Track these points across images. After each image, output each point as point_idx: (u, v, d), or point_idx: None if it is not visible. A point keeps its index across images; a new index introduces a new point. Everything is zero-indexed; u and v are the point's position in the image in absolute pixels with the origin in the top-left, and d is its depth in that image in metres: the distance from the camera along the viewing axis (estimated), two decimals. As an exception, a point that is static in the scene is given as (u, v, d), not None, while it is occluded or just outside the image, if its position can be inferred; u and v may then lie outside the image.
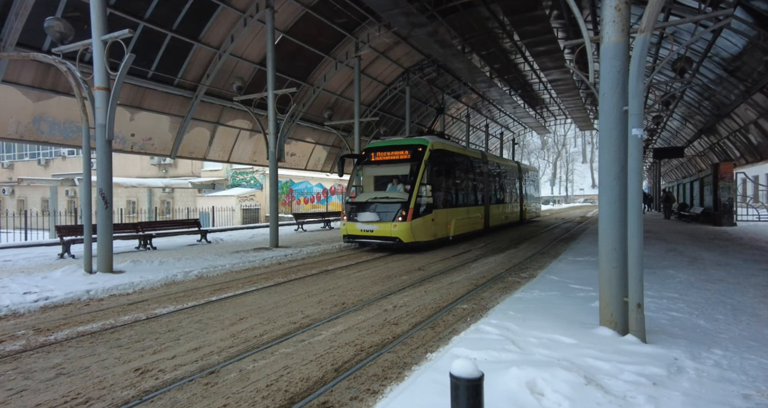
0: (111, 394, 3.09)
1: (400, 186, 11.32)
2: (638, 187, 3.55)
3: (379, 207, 10.91)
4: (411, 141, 11.78)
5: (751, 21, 11.43)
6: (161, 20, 11.82)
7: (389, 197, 11.05)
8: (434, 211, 11.30)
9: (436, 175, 11.56)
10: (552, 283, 6.24)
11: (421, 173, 10.72)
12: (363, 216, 10.95)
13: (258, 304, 5.77)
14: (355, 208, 11.21)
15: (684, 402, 2.61)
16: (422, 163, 10.77)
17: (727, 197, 16.92)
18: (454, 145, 13.93)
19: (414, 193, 10.50)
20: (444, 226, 12.00)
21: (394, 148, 11.67)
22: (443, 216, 11.98)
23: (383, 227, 10.58)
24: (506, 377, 2.84)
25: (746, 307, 4.83)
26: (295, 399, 3.01)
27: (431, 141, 11.57)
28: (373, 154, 11.86)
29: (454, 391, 1.76)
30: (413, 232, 10.45)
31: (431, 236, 11.24)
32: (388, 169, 11.89)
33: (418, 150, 11.16)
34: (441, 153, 12.07)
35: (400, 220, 10.37)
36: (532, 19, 14.50)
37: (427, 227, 11.01)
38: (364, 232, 10.90)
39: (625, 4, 3.70)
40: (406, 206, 10.42)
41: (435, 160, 11.39)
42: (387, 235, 10.52)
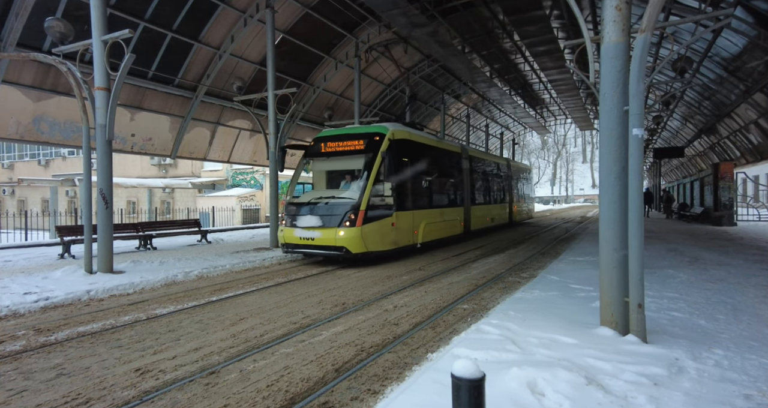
0: (111, 395, 3.09)
1: (355, 183, 9.24)
2: (639, 187, 3.55)
3: (322, 209, 8.82)
4: (367, 129, 9.91)
5: (752, 21, 11.43)
6: (161, 20, 11.83)
7: (336, 197, 9.03)
8: (396, 214, 9.42)
9: (400, 171, 9.71)
10: (552, 283, 6.24)
11: (376, 167, 8.83)
12: (303, 220, 8.88)
13: (258, 304, 5.77)
14: (294, 211, 9.15)
15: (685, 402, 2.61)
16: (378, 155, 8.90)
17: (727, 197, 16.91)
18: (425, 136, 11.90)
19: (366, 191, 8.59)
20: (409, 231, 10.09)
21: (348, 138, 9.64)
22: (408, 219, 10.03)
23: (326, 234, 8.54)
24: (507, 377, 2.83)
25: (747, 307, 4.83)
26: (296, 399, 3.01)
27: (392, 129, 9.66)
28: (323, 144, 9.83)
29: (456, 391, 1.76)
30: (365, 239, 8.53)
31: (390, 244, 9.35)
32: (340, 163, 9.92)
33: (374, 139, 9.24)
34: (405, 144, 10.15)
35: (347, 225, 8.38)
36: (533, 19, 14.49)
37: (385, 233, 9.15)
38: (304, 241, 8.82)
39: (625, 3, 3.70)
40: (356, 208, 8.46)
41: (397, 152, 9.54)
42: (331, 244, 8.52)
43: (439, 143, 12.68)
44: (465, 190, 14.14)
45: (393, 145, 9.38)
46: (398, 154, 9.65)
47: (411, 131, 10.93)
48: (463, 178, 14.07)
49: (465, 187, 14.16)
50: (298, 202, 9.29)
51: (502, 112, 34.53)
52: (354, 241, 8.42)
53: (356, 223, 8.40)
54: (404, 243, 9.91)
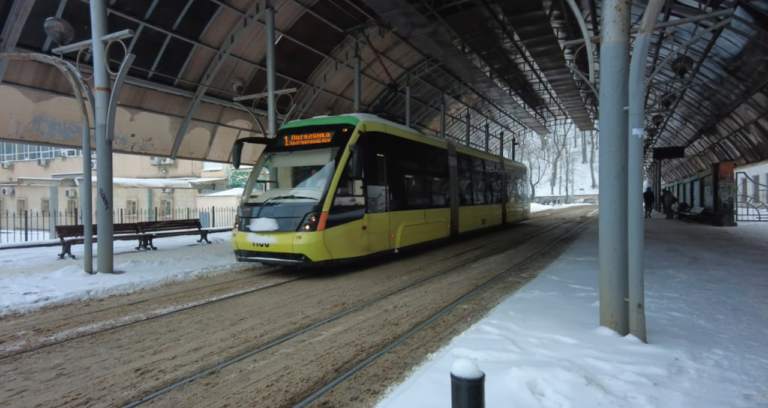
0: (111, 395, 3.09)
1: (318, 181, 8.12)
2: (639, 187, 3.55)
3: (279, 210, 7.74)
4: (334, 119, 8.92)
5: (752, 21, 11.43)
6: (161, 20, 11.83)
7: (295, 196, 8.01)
8: (368, 216, 8.39)
9: (373, 167, 8.75)
10: (552, 283, 6.24)
11: (343, 163, 7.80)
12: (256, 224, 7.80)
13: (258, 304, 5.77)
14: (248, 213, 8.04)
15: (685, 402, 2.61)
16: (346, 148, 7.90)
17: (727, 197, 16.91)
18: (404, 130, 10.77)
19: (330, 190, 7.57)
20: (384, 235, 9.07)
21: (313, 130, 8.63)
22: (383, 222, 9.00)
23: (283, 240, 7.44)
24: (507, 377, 2.83)
25: (747, 307, 4.83)
26: (296, 399, 3.01)
27: (363, 120, 8.63)
28: (286, 137, 8.80)
29: (455, 391, 1.76)
30: (328, 245, 7.49)
31: (362, 250, 8.31)
32: (303, 158, 8.78)
33: (342, 131, 8.25)
34: (380, 138, 9.17)
35: (306, 229, 7.31)
36: (532, 19, 14.50)
37: (354, 238, 8.09)
38: (258, 247, 7.70)
39: (625, 3, 3.70)
40: (318, 209, 7.41)
41: (369, 146, 8.53)
42: (287, 252, 7.42)
43: (421, 138, 11.58)
44: (452, 189, 13.11)
45: (364, 138, 8.35)
46: (371, 149, 8.64)
47: (388, 124, 9.82)
48: (450, 177, 13.06)
49: (452, 187, 13.12)
50: (253, 203, 8.20)
51: (502, 112, 34.54)
52: (314, 248, 7.32)
53: (317, 226, 7.32)
54: (379, 248, 8.88)
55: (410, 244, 10.16)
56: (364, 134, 8.42)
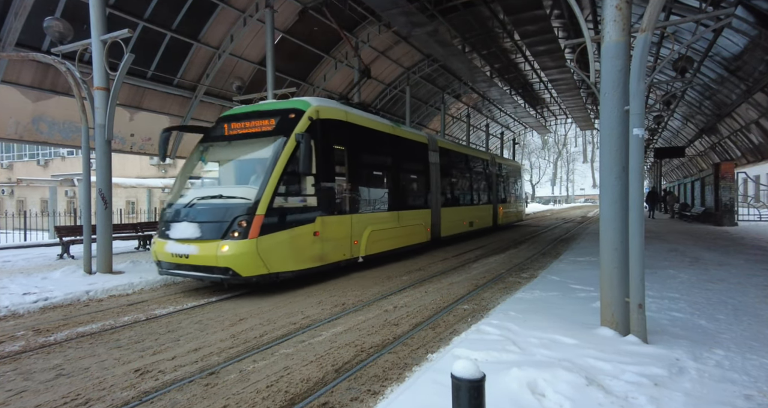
0: (111, 395, 3.08)
1: (254, 177, 6.75)
2: (639, 187, 3.54)
3: (203, 213, 6.36)
4: (281, 104, 7.56)
5: (753, 20, 11.42)
6: (161, 20, 11.82)
7: (224, 196, 6.54)
8: (321, 219, 7.07)
9: (329, 161, 7.44)
10: (553, 283, 6.23)
11: (286, 155, 6.43)
12: (177, 229, 6.41)
13: (258, 304, 5.76)
14: (170, 216, 6.68)
15: (686, 402, 2.60)
16: (291, 138, 6.54)
17: (728, 197, 16.90)
18: (371, 119, 9.20)
19: (269, 187, 6.20)
20: (344, 241, 7.77)
21: (256, 116, 7.30)
22: (343, 226, 7.72)
23: (205, 249, 6.01)
24: (507, 378, 2.82)
25: (748, 308, 4.82)
26: (296, 400, 3.00)
27: (316, 105, 7.27)
28: (226, 125, 7.45)
29: (456, 392, 1.75)
30: (264, 256, 6.08)
31: (312, 261, 6.95)
32: (242, 150, 7.39)
33: (288, 118, 6.94)
34: (339, 127, 7.80)
35: (235, 237, 5.93)
36: (533, 18, 14.49)
37: (301, 246, 6.74)
38: (177, 259, 6.23)
39: (626, 3, 3.69)
40: (251, 211, 6.04)
41: (324, 135, 7.25)
42: (210, 265, 6.00)
43: (394, 130, 10.06)
44: (433, 188, 11.75)
45: (317, 126, 7.07)
46: (327, 139, 7.39)
47: (351, 111, 8.39)
48: (431, 175, 11.70)
49: (433, 186, 11.77)
50: (176, 204, 6.79)
51: (502, 111, 34.54)
52: (244, 260, 5.92)
53: (249, 233, 5.95)
54: (336, 257, 7.57)
55: (380, 251, 8.88)
56: (317, 122, 7.10)
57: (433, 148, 12.08)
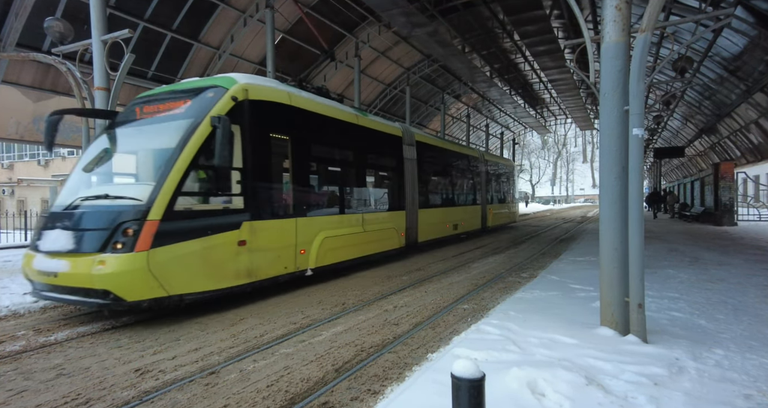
0: (111, 395, 3.09)
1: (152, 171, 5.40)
2: (639, 187, 3.55)
3: (80, 219, 4.94)
4: (203, 81, 6.07)
5: (752, 20, 11.43)
6: (161, 20, 11.83)
7: (111, 195, 5.09)
8: (249, 225, 5.58)
9: (266, 153, 6.11)
10: (553, 283, 6.23)
11: (195, 144, 5.02)
12: (48, 239, 4.92)
13: (258, 304, 5.76)
14: (43, 223, 5.21)
15: (685, 402, 2.61)
16: (204, 122, 5.11)
17: (727, 197, 16.91)
18: (327, 104, 7.67)
19: (168, 184, 4.82)
20: (285, 251, 6.28)
21: (171, 96, 5.87)
22: (283, 232, 6.26)
23: (77, 266, 4.58)
24: (507, 377, 2.83)
25: (747, 307, 4.82)
26: (296, 399, 3.00)
27: (245, 82, 5.79)
28: (137, 109, 5.96)
29: (456, 391, 1.76)
30: (160, 273, 4.65)
31: (236, 278, 5.45)
32: (147, 138, 5.89)
33: (207, 97, 5.50)
34: (278, 111, 6.34)
35: (117, 249, 4.50)
36: (533, 18, 14.51)
37: (218, 261, 5.25)
38: (44, 278, 4.81)
39: (625, 3, 3.69)
40: (140, 216, 4.65)
41: (257, 121, 5.83)
42: (84, 286, 4.55)
43: (358, 119, 8.50)
44: (408, 188, 10.24)
45: (245, 108, 5.65)
46: (261, 126, 5.99)
47: (295, 93, 6.85)
48: (406, 172, 10.23)
49: (409, 184, 10.27)
50: (55, 207, 5.28)
51: (502, 111, 34.55)
52: (129, 279, 4.48)
53: (137, 244, 4.50)
54: (273, 271, 6.07)
55: (337, 260, 7.53)
56: (245, 103, 5.67)
57: (409, 142, 10.56)
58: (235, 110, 5.50)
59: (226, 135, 4.97)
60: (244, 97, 5.71)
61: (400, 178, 10.09)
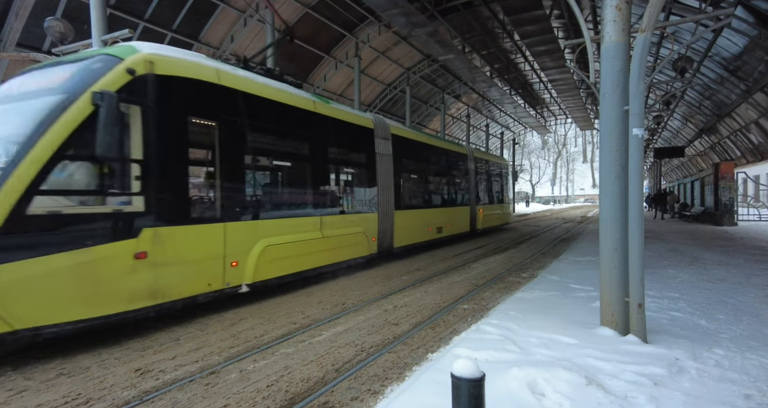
0: (111, 395, 3.09)
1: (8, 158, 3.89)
2: (639, 187, 3.55)
3: None
4: (96, 51, 5.03)
5: (752, 20, 11.43)
6: (161, 20, 11.84)
7: None
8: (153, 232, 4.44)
9: (181, 140, 5.00)
10: (553, 283, 6.24)
11: (68, 125, 3.93)
12: None
13: (258, 303, 5.76)
14: None
15: (685, 402, 2.61)
16: (84, 98, 4.04)
17: (727, 197, 16.92)
18: (265, 84, 6.32)
19: (15, 178, 3.64)
20: (210, 263, 5.13)
21: (51, 69, 4.70)
22: (205, 241, 5.08)
23: None
24: (507, 377, 2.83)
25: (747, 307, 4.82)
26: (296, 399, 3.01)
27: (149, 52, 4.66)
28: (11, 85, 4.91)
29: (456, 391, 1.76)
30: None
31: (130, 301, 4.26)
32: (10, 119, 4.58)
33: (92, 69, 4.41)
34: (198, 90, 5.16)
35: None
36: (533, 18, 14.52)
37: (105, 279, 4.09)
38: None
39: (625, 3, 3.70)
40: None
41: (166, 100, 4.74)
42: None
43: (315, 106, 7.21)
44: (382, 186, 8.97)
45: (149, 84, 4.54)
46: (174, 107, 4.88)
47: (226, 70, 5.59)
48: (379, 169, 8.89)
49: (382, 183, 8.98)
50: None
51: (502, 111, 34.57)
52: None
53: None
54: (190, 290, 4.87)
55: (284, 273, 6.20)
56: (148, 78, 4.53)
57: (383, 135, 9.18)
58: (132, 86, 4.38)
59: (113, 116, 4.01)
60: (147, 71, 4.55)
61: (371, 176, 8.79)
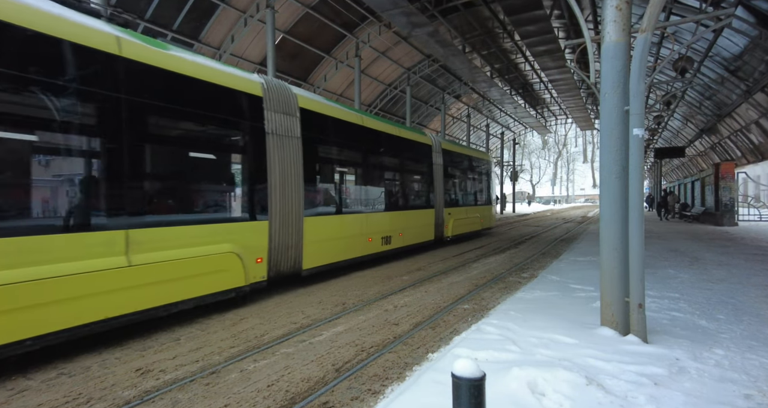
0: (112, 394, 3.10)
1: None
2: (639, 187, 3.55)
3: None
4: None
5: (753, 20, 11.42)
6: (162, 20, 11.85)
7: None
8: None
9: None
10: (553, 283, 6.24)
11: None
12: None
13: (258, 303, 5.77)
14: None
15: (685, 402, 2.61)
16: None
17: (728, 197, 16.91)
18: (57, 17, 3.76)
19: None
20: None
21: None
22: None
23: None
24: (507, 377, 2.83)
25: (748, 307, 4.82)
26: (296, 399, 3.01)
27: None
28: None
29: (456, 391, 1.76)
30: None
31: None
32: None
33: None
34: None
35: None
36: (533, 18, 14.51)
37: None
38: None
39: (626, 3, 3.70)
40: None
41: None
42: None
43: (116, 46, 4.27)
44: (274, 183, 6.12)
45: None
46: None
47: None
48: (270, 157, 6.09)
49: (275, 177, 6.13)
50: None
51: (502, 111, 34.56)
52: None
53: None
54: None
55: (47, 331, 3.56)
56: None
57: (276, 107, 6.22)
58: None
59: None
60: None
61: (255, 166, 5.90)
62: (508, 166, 33.63)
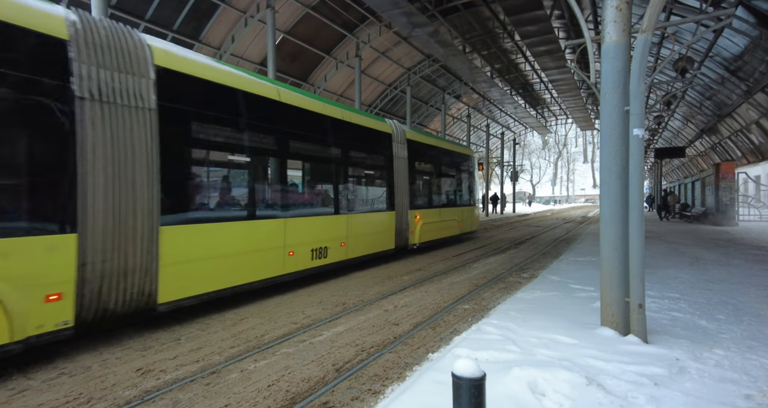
0: (113, 394, 3.10)
1: None
2: (639, 187, 3.55)
3: None
4: None
5: (753, 21, 11.42)
6: (162, 20, 11.85)
7: None
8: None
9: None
10: (553, 283, 6.24)
11: None
12: None
13: (259, 303, 5.77)
14: None
15: (685, 402, 2.61)
16: None
17: (728, 197, 16.91)
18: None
19: None
20: None
21: None
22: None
23: None
24: (508, 377, 2.83)
25: (748, 308, 4.82)
26: (297, 399, 3.01)
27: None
28: None
29: (456, 391, 1.76)
30: None
31: None
32: None
33: None
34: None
35: None
36: (533, 18, 14.51)
37: None
38: None
39: (626, 4, 3.70)
40: None
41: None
42: None
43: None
44: (85, 171, 3.80)
45: None
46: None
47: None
48: (78, 135, 3.76)
49: (85, 165, 3.81)
50: None
51: (502, 112, 34.56)
52: None
53: None
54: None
55: None
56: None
57: (120, 64, 4.16)
58: None
59: None
60: None
61: (40, 148, 3.72)
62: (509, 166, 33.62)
